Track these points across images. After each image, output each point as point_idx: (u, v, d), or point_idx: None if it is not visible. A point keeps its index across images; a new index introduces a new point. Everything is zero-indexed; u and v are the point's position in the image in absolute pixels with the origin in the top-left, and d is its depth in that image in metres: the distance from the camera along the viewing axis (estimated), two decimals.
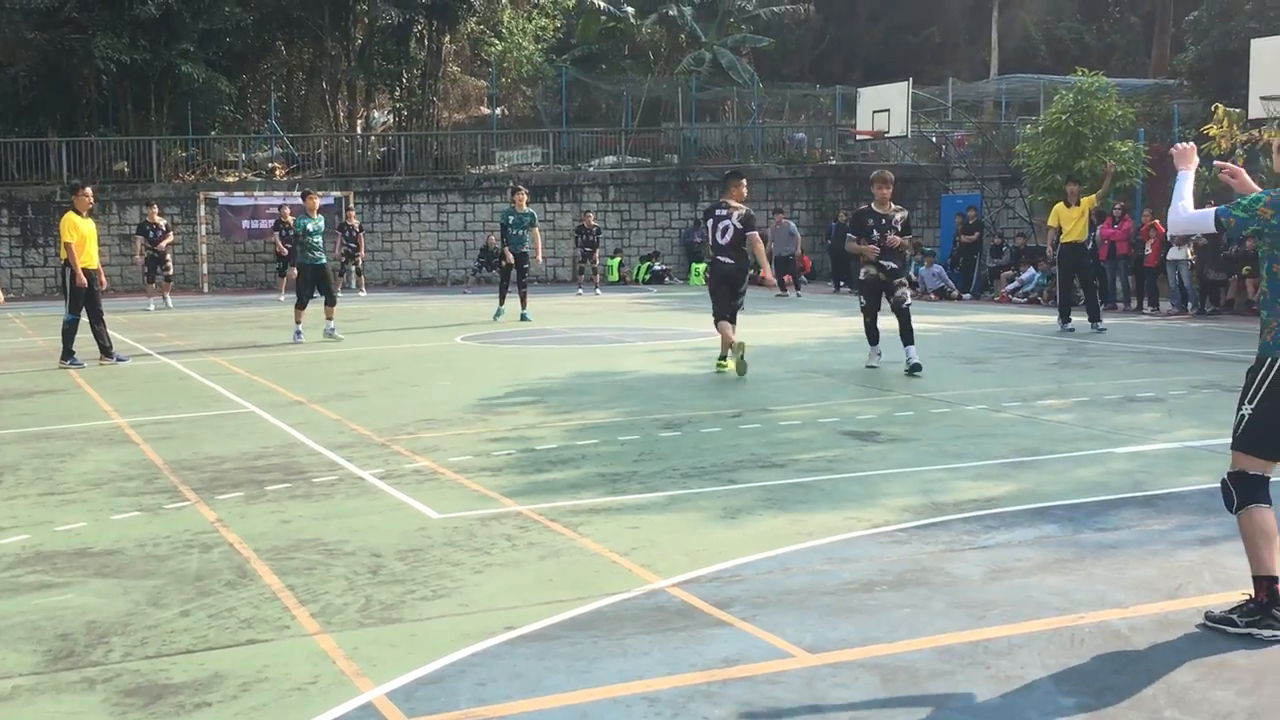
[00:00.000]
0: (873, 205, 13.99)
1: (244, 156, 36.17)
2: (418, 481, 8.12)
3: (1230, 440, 5.27)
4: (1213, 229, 5.38)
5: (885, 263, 13.69)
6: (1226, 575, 5.82)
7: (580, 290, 29.47)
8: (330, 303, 18.45)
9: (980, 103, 39.73)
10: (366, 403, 11.72)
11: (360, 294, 29.12)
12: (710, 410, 10.96)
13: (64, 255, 15.13)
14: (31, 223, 31.57)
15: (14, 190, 31.61)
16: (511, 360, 15.37)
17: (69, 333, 15.06)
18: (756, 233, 14.20)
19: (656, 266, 34.32)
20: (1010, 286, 26.61)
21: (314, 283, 18.33)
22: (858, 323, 14.98)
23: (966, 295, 27.82)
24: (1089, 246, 18.47)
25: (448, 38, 41.11)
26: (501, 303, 21.36)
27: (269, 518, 7.17)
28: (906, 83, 30.95)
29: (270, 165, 35.96)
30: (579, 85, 42.50)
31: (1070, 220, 18.52)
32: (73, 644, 5.06)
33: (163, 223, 26.80)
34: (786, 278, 28.84)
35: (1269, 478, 5.17)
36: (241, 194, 32.66)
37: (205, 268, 31.77)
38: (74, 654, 4.94)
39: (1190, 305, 22.83)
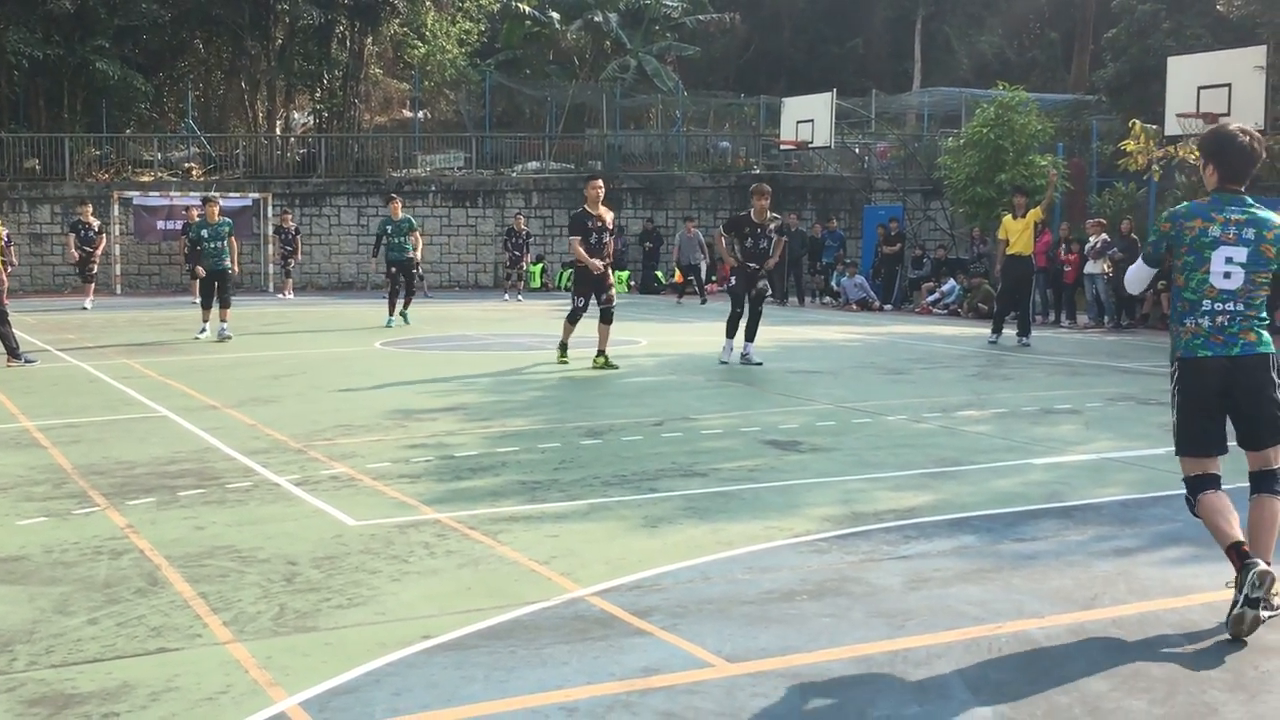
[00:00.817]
0: (751, 214, 15.23)
1: (160, 156, 35.61)
2: (334, 488, 8.00)
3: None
4: (1150, 267, 5.79)
5: (751, 265, 15.17)
6: (1141, 586, 5.89)
7: (507, 296, 29.31)
8: (225, 305, 18.55)
9: (903, 115, 40.19)
10: (282, 408, 11.55)
11: (286, 297, 28.76)
12: (631, 418, 10.93)
13: None
14: None
15: None
16: (431, 366, 15.23)
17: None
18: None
19: None
20: (931, 298, 26.89)
21: (212, 285, 18.57)
22: (778, 332, 15.12)
23: (887, 306, 28.08)
24: (1029, 259, 18.67)
25: (370, 39, 40.75)
26: (391, 312, 21.19)
27: (181, 524, 7.02)
28: (830, 94, 31.27)
29: (187, 165, 35.43)
30: (503, 90, 42.36)
31: (1015, 232, 18.73)
32: None
33: (96, 223, 26.36)
34: (694, 283, 29.26)
35: (1216, 475, 5.52)
36: (157, 194, 32.16)
37: (119, 268, 31.21)
38: None
39: (1106, 319, 23.21)
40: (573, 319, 15.25)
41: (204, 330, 18.53)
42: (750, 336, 15.19)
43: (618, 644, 5.05)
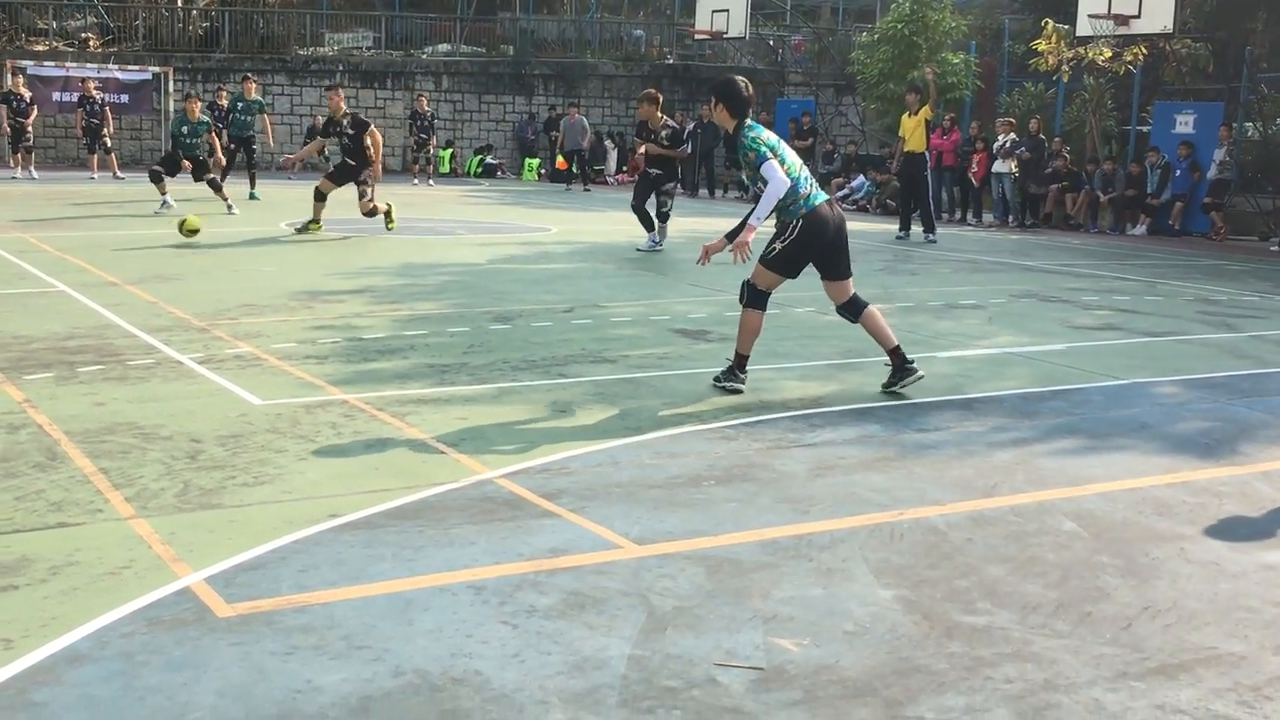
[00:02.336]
0: (647, 122, 16.29)
1: (55, 25, 34.32)
2: (239, 367, 7.90)
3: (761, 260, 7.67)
4: (777, 167, 7.37)
5: (651, 170, 16.03)
6: (1039, 476, 6.04)
7: (415, 181, 28.85)
8: (216, 189, 19.22)
9: (818, 8, 39.96)
10: (185, 286, 11.34)
11: (430, 184, 28.17)
12: (541, 305, 10.89)
13: None
14: None
15: None
16: (338, 249, 15.03)
17: None
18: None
19: (489, 160, 33.88)
20: (840, 193, 26.99)
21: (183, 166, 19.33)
22: (689, 223, 15.14)
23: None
24: (922, 158, 18.73)
25: None
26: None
27: (81, 400, 6.90)
28: None
29: (84, 35, 34.21)
30: None
31: (908, 129, 18.79)
32: None
33: (28, 94, 26.07)
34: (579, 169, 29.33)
35: (770, 293, 7.70)
36: (52, 64, 31.05)
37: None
38: None
39: (1011, 218, 23.50)
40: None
41: (165, 204, 19.07)
42: (651, 227, 15.92)
43: (525, 525, 5.07)
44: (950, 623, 4.19)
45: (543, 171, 33.34)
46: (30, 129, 26.20)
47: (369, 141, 16.23)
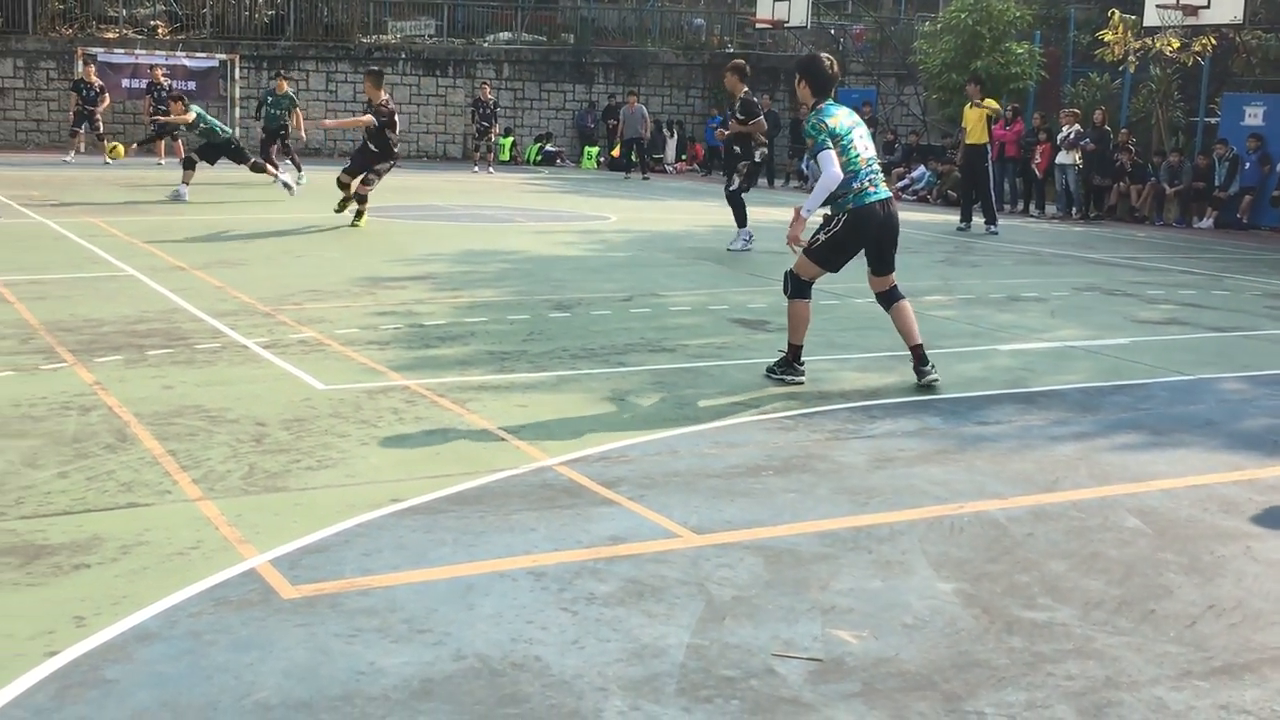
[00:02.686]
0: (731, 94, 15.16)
1: (125, 12, 34.74)
2: (303, 352, 7.99)
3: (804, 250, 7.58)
4: (834, 157, 7.24)
5: (735, 147, 15.02)
6: (1101, 471, 5.99)
7: (476, 168, 28.95)
8: (189, 167, 18.91)
9: None
10: (250, 271, 11.47)
11: (490, 172, 28.36)
12: (600, 293, 10.92)
13: None
14: None
15: None
16: (400, 236, 15.14)
17: None
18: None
19: (549, 148, 33.95)
20: (901, 184, 26.81)
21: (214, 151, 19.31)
22: (750, 212, 15.06)
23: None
24: (984, 149, 18.60)
25: None
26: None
27: (150, 383, 7.01)
28: None
29: (153, 23, 34.61)
30: None
31: (970, 121, 18.66)
32: None
33: (98, 83, 26.60)
34: (635, 157, 29.23)
35: (813, 283, 7.64)
36: (122, 51, 31.42)
37: (85, 126, 30.59)
38: None
39: (1075, 209, 23.25)
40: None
41: (295, 181, 20.21)
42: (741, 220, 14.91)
43: (585, 513, 5.11)
44: (1011, 618, 4.17)
45: (601, 160, 33.37)
46: (100, 116, 26.54)
47: (391, 134, 15.86)
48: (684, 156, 34.45)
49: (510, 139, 33.81)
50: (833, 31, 36.00)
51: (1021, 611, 4.23)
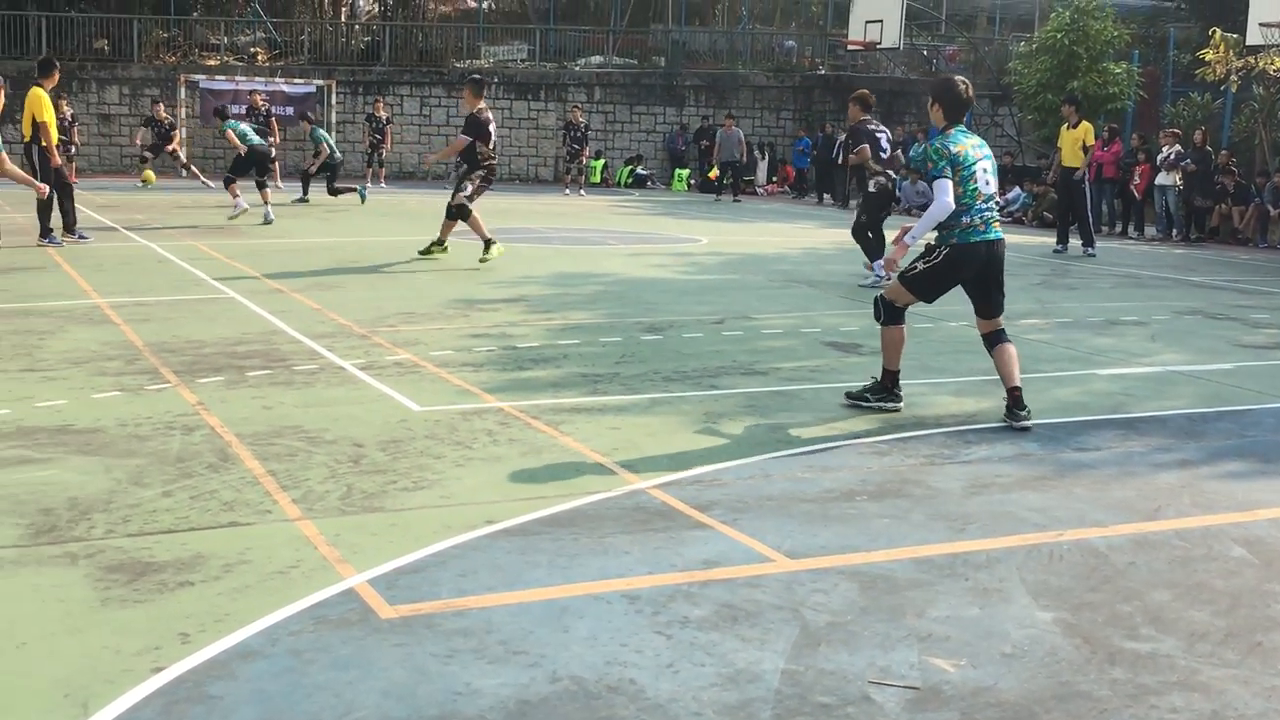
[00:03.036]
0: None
1: (226, 40, 35.55)
2: (399, 374, 8.09)
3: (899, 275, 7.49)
4: (949, 187, 7.06)
5: (890, 173, 13.78)
6: (1206, 499, 5.87)
7: (567, 191, 29.16)
8: (261, 188, 19.32)
9: (974, 17, 39.34)
10: (346, 294, 11.64)
11: (380, 186, 28.81)
12: (692, 316, 10.93)
13: (29, 133, 14.91)
14: (10, 98, 30.97)
15: None
16: (492, 259, 15.24)
17: (46, 210, 14.88)
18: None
19: (640, 170, 34.08)
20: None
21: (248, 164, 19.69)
22: (839, 235, 14.97)
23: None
24: (1079, 172, 18.34)
25: None
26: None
27: (250, 403, 7.14)
28: None
29: (252, 50, 35.36)
30: None
31: (1065, 143, 18.44)
32: (55, 519, 5.04)
33: (168, 118, 27.68)
34: (729, 181, 29.14)
35: (905, 309, 7.48)
36: (223, 78, 32.15)
37: (184, 152, 31.33)
38: (56, 529, 4.93)
39: (1175, 231, 22.84)
40: None
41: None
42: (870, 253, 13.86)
43: (679, 536, 5.11)
44: (1113, 648, 4.10)
45: (692, 182, 33.43)
46: (169, 149, 27.25)
47: (481, 148, 14.54)
48: (775, 178, 34.40)
49: (601, 161, 34.00)
50: (925, 53, 35.79)
51: (1124, 642, 4.15)
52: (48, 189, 14.61)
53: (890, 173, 13.80)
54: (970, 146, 7.22)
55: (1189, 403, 8.07)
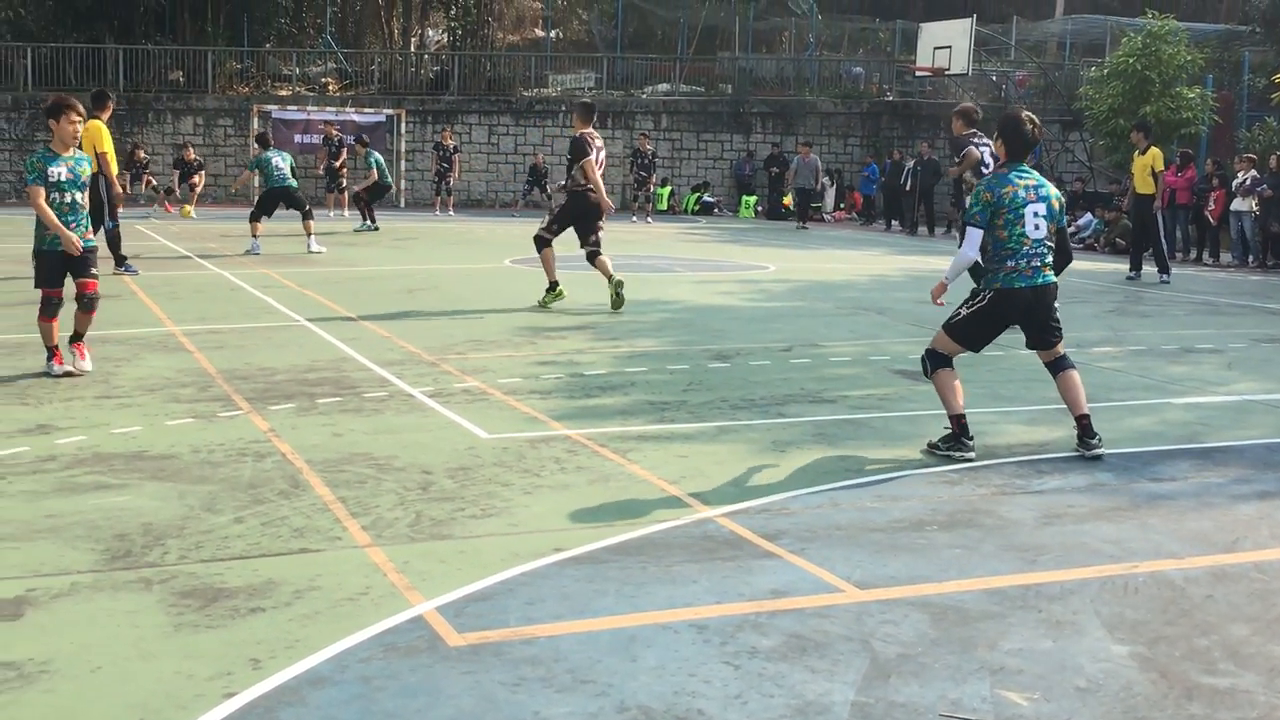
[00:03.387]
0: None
1: (298, 70, 36.10)
2: (467, 401, 8.13)
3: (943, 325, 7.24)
4: (977, 237, 6.97)
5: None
6: None
7: (634, 218, 29.24)
8: (308, 217, 19.14)
9: (1044, 43, 39.08)
10: (415, 321, 11.74)
11: (448, 213, 29.10)
12: (759, 343, 10.90)
13: (95, 166, 14.99)
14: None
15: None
16: (560, 285, 15.30)
17: (116, 240, 15.07)
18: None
19: (707, 197, 34.12)
20: (1068, 231, 26.22)
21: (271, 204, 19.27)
22: (908, 262, 14.87)
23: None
24: (1153, 200, 18.16)
25: None
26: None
27: (320, 430, 7.21)
28: (970, 19, 30.46)
29: (324, 80, 35.88)
30: (635, 10, 42.06)
31: (1137, 169, 18.27)
32: (129, 544, 5.11)
33: (197, 159, 28.49)
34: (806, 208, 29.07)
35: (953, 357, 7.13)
36: (295, 108, 32.64)
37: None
38: (131, 554, 5.00)
39: (1251, 258, 22.48)
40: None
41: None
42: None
43: (746, 565, 5.08)
44: (1190, 683, 4.02)
45: (760, 209, 33.41)
46: (194, 186, 27.93)
47: (575, 173, 13.28)
48: (842, 205, 34.29)
49: (668, 189, 34.09)
50: (994, 78, 35.56)
51: (1201, 677, 4.07)
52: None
53: None
54: (1023, 187, 6.96)
55: (1267, 432, 7.91)
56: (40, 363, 8.80)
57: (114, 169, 15.11)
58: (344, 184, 28.19)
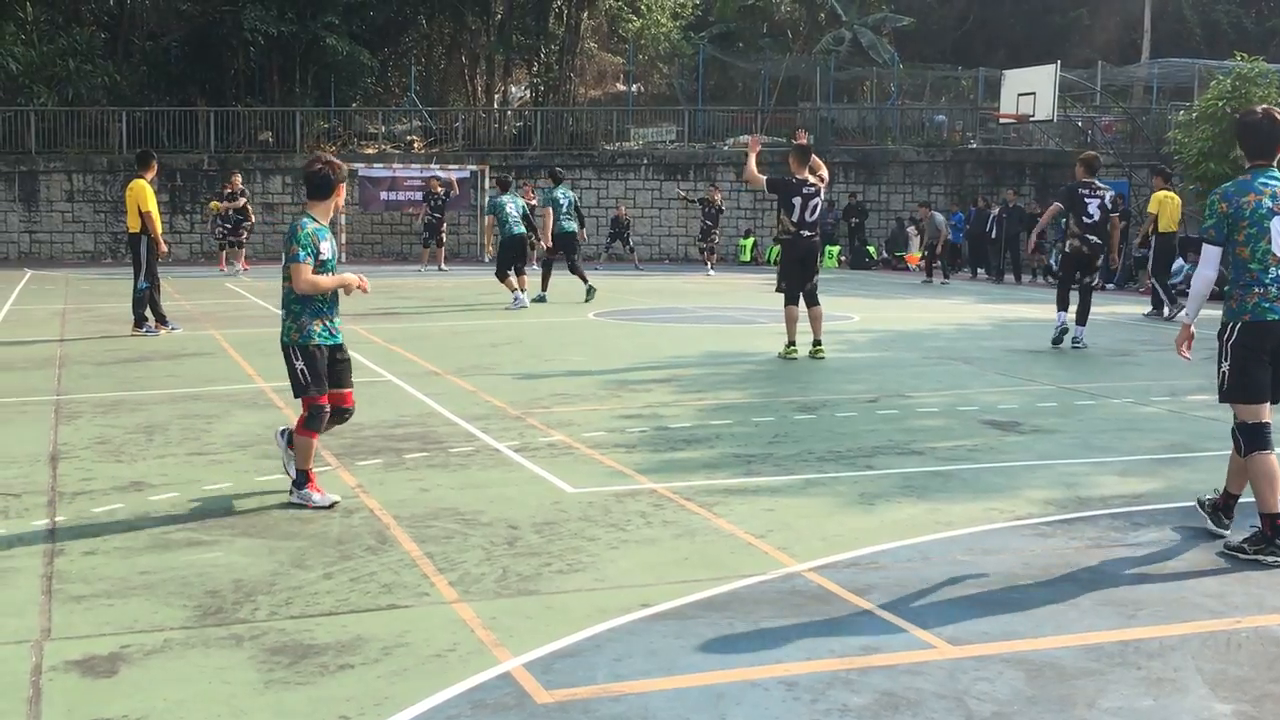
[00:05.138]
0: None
1: (384, 129, 36.73)
2: (552, 455, 8.15)
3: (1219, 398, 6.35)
4: (1215, 256, 6.14)
5: (1090, 237, 14.02)
6: None
7: (711, 270, 29.23)
8: (519, 273, 19.53)
9: (1129, 87, 38.69)
10: (501, 376, 11.80)
11: (534, 268, 29.24)
12: (845, 394, 10.82)
13: (135, 225, 14.92)
14: (180, 190, 32.40)
15: (163, 158, 32.39)
16: (644, 337, 15.36)
17: (144, 301, 15.02)
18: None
19: None
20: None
21: (512, 253, 19.61)
22: (996, 310, 14.73)
23: (1110, 285, 27.08)
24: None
25: (586, 14, 41.25)
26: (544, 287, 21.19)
27: (408, 485, 7.25)
28: (1054, 65, 30.19)
29: (409, 138, 36.47)
30: (716, 63, 42.36)
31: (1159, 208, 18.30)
32: (221, 600, 5.16)
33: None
34: (934, 262, 28.38)
35: (1268, 423, 6.05)
36: (380, 166, 33.18)
37: (344, 237, 32.30)
38: (222, 610, 5.05)
39: None
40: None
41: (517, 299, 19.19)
42: (1082, 320, 14.30)
43: (836, 621, 5.01)
44: None
45: (843, 258, 33.30)
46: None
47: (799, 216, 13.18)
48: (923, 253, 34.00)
49: (751, 239, 34.11)
50: (1079, 123, 35.24)
51: None
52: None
53: (1091, 238, 13.99)
54: (1270, 196, 6.02)
55: None
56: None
57: (158, 228, 15.02)
58: (443, 239, 28.52)
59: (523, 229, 19.76)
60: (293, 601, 5.16)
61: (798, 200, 13.11)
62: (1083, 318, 14.33)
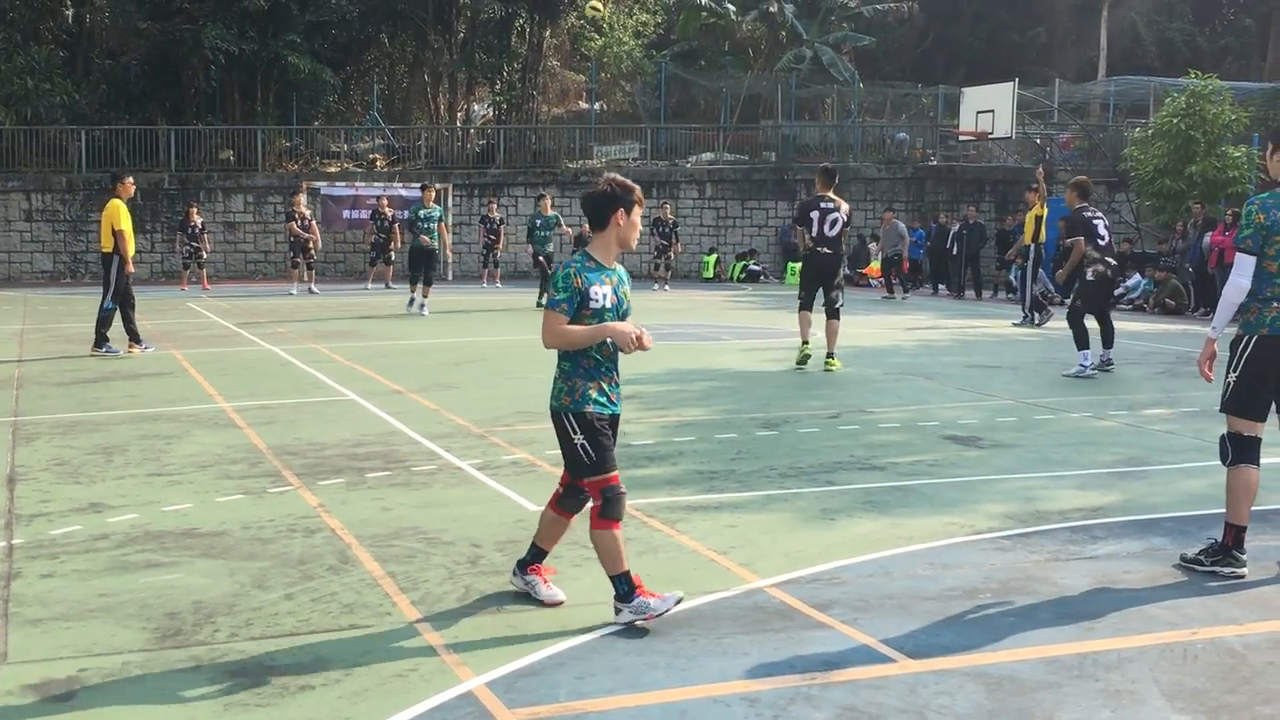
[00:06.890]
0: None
1: (346, 147, 36.62)
2: (515, 473, 8.14)
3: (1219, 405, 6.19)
4: (1249, 265, 5.96)
5: (1110, 260, 13.94)
6: None
7: (655, 286, 29.23)
8: (427, 283, 21.03)
9: (1086, 104, 39.09)
10: (463, 394, 11.79)
11: (496, 285, 29.31)
12: (807, 410, 10.87)
13: (108, 244, 14.68)
14: (140, 209, 32.14)
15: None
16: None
17: (107, 321, 14.88)
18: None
19: (752, 265, 34.17)
20: (1115, 292, 26.04)
21: (419, 262, 21.16)
22: (956, 325, 14.80)
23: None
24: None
25: (549, 32, 41.23)
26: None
27: (370, 505, 7.23)
28: (1012, 83, 30.48)
29: (371, 156, 36.37)
30: (678, 81, 42.47)
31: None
32: (180, 622, 5.13)
33: (307, 212, 27.75)
34: (894, 277, 28.49)
35: (1259, 439, 6.03)
36: (343, 184, 33.07)
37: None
38: (181, 632, 5.02)
39: None
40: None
41: (412, 302, 21.14)
42: (1109, 342, 13.90)
43: (798, 636, 5.04)
44: None
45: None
46: (313, 246, 27.48)
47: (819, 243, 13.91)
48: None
49: (714, 256, 34.19)
50: (1038, 141, 35.56)
51: None
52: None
53: (1111, 260, 13.93)
54: None
55: None
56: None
57: (130, 249, 14.77)
58: (391, 258, 28.46)
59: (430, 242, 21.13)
60: (253, 623, 5.14)
61: (815, 214, 13.68)
62: (1109, 340, 13.83)
